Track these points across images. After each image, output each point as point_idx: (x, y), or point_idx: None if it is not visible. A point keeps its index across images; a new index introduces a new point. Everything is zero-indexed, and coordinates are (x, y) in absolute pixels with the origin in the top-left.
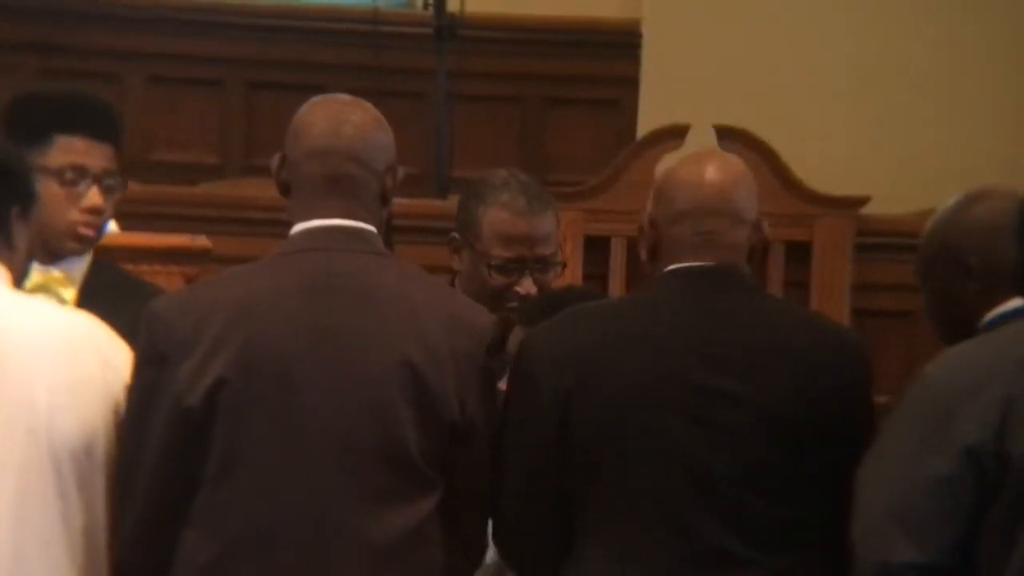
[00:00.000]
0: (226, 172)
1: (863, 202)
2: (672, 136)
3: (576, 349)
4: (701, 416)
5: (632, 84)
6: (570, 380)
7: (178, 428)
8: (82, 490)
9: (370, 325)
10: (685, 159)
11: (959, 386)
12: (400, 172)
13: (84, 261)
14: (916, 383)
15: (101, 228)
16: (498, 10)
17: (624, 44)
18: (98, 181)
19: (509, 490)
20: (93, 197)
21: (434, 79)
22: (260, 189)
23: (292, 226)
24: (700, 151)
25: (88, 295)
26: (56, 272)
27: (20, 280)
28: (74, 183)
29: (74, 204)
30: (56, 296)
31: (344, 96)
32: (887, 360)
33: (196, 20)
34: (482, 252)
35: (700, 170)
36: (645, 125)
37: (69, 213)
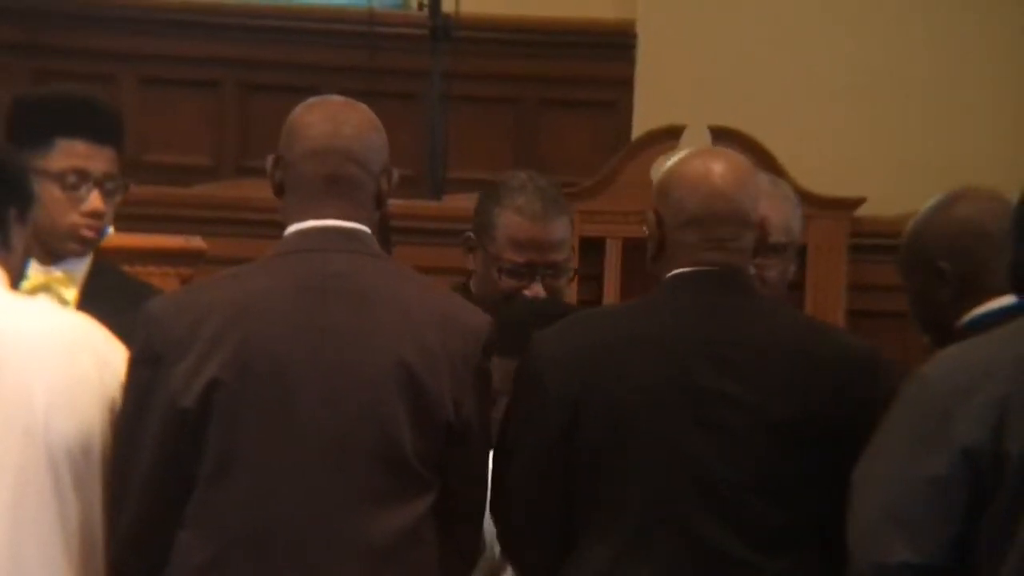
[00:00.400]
0: (221, 173)
1: (858, 203)
2: (667, 137)
3: (582, 351)
4: (704, 419)
5: (627, 85)
6: (576, 384)
7: (173, 428)
8: (79, 490)
9: (366, 326)
10: (690, 155)
11: (955, 386)
12: (395, 175)
13: (85, 262)
14: (912, 384)
15: (102, 230)
16: (493, 11)
17: (619, 45)
18: (99, 185)
19: (513, 491)
20: (94, 201)
21: (429, 80)
22: (255, 190)
23: (287, 227)
24: (704, 147)
25: (89, 296)
26: (57, 272)
27: (17, 281)
28: (75, 187)
29: (75, 207)
30: (58, 296)
31: (339, 97)
32: None
33: (191, 21)
34: (494, 255)
35: (709, 172)
36: (640, 126)
37: (70, 216)
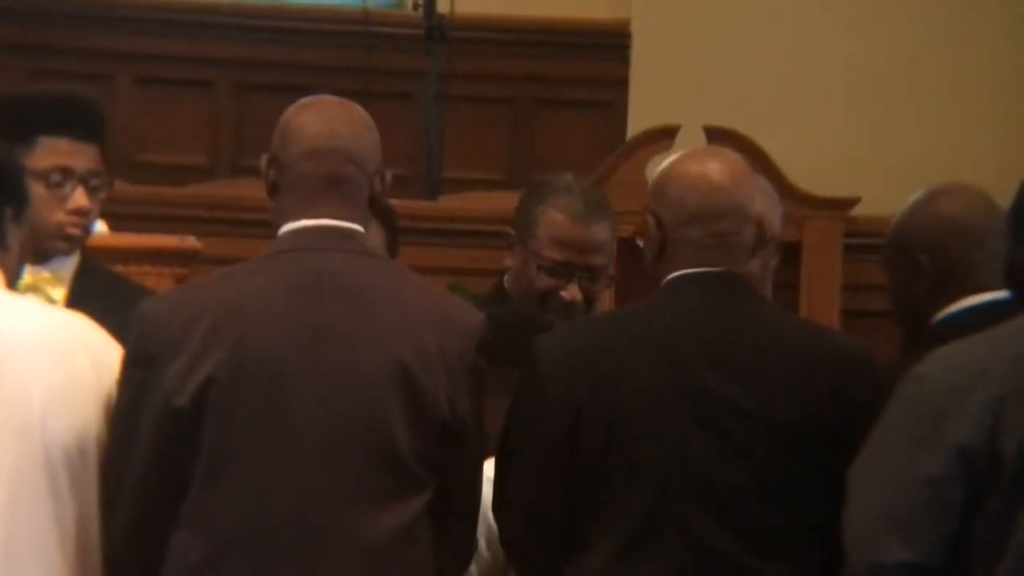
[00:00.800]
0: (216, 173)
1: (853, 203)
2: (662, 137)
3: (584, 354)
4: (705, 421)
5: (622, 85)
6: (578, 386)
7: (167, 428)
8: (75, 490)
9: (361, 325)
10: (685, 156)
11: (951, 386)
12: (388, 176)
13: (72, 261)
14: (907, 383)
15: (88, 228)
16: (488, 11)
17: (614, 45)
18: (84, 182)
19: (514, 494)
20: (79, 198)
21: (424, 80)
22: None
23: (280, 227)
24: (697, 148)
25: (78, 295)
26: (45, 272)
27: (14, 281)
28: (60, 185)
29: (60, 206)
30: (45, 296)
31: (332, 97)
32: None
33: (186, 21)
34: (534, 251)
35: (706, 170)
36: (635, 126)
37: (55, 215)
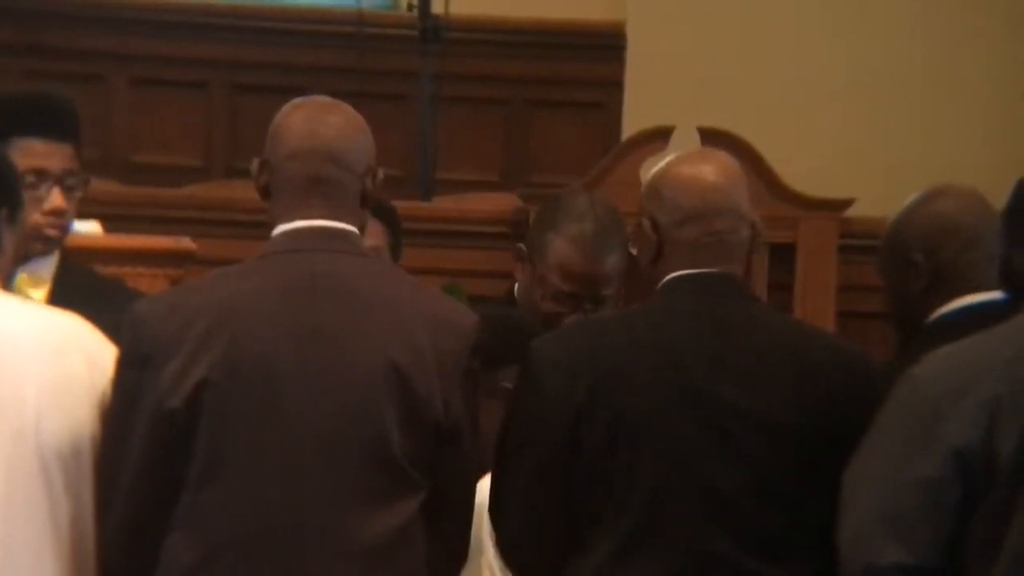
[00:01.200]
0: (210, 174)
1: (847, 204)
2: (657, 138)
3: (583, 356)
4: (706, 423)
5: (617, 86)
6: (577, 388)
7: (161, 430)
8: (70, 490)
9: (355, 326)
10: (678, 159)
11: (946, 387)
12: (380, 175)
13: (50, 261)
14: (903, 385)
15: (66, 227)
16: (483, 12)
17: (609, 46)
18: (59, 182)
19: (513, 496)
20: (55, 199)
21: (419, 81)
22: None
23: (274, 229)
24: (690, 150)
25: (59, 296)
26: (22, 274)
27: (7, 282)
28: (35, 186)
29: (36, 207)
30: (24, 297)
31: (323, 98)
32: None
33: (180, 22)
34: (542, 277)
35: (700, 171)
36: (630, 127)
37: (32, 216)
